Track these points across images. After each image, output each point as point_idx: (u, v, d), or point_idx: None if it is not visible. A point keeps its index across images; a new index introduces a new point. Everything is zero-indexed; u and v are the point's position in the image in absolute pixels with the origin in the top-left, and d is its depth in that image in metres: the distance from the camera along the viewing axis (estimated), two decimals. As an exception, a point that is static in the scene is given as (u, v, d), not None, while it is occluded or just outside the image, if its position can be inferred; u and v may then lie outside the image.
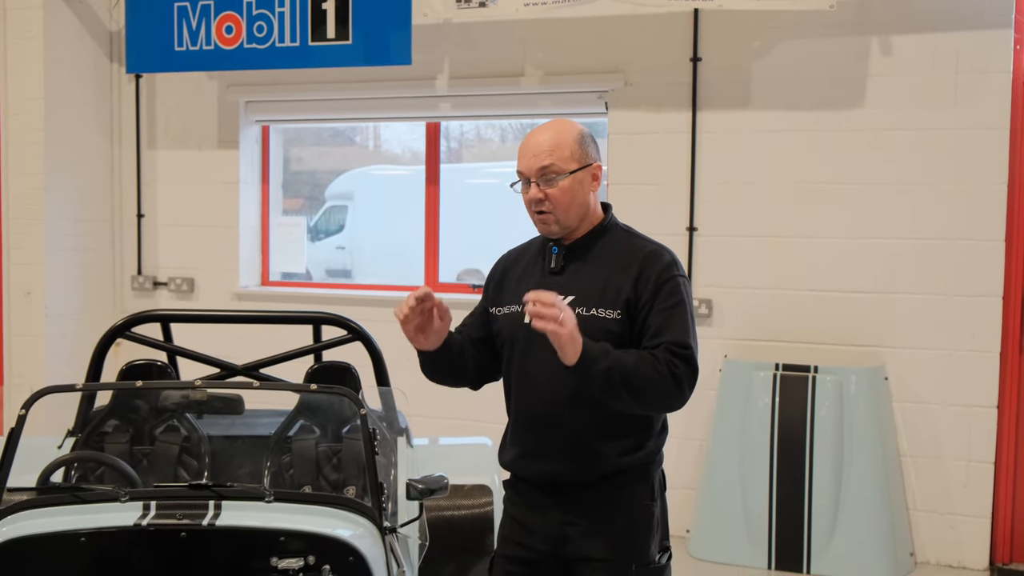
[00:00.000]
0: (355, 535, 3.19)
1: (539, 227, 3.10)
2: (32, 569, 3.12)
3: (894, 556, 5.76)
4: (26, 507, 3.28)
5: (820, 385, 5.86)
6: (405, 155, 10.71)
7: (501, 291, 3.21)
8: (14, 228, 7.11)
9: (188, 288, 7.37)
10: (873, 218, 5.97)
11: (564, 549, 3.06)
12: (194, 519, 3.14)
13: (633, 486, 3.04)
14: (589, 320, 2.95)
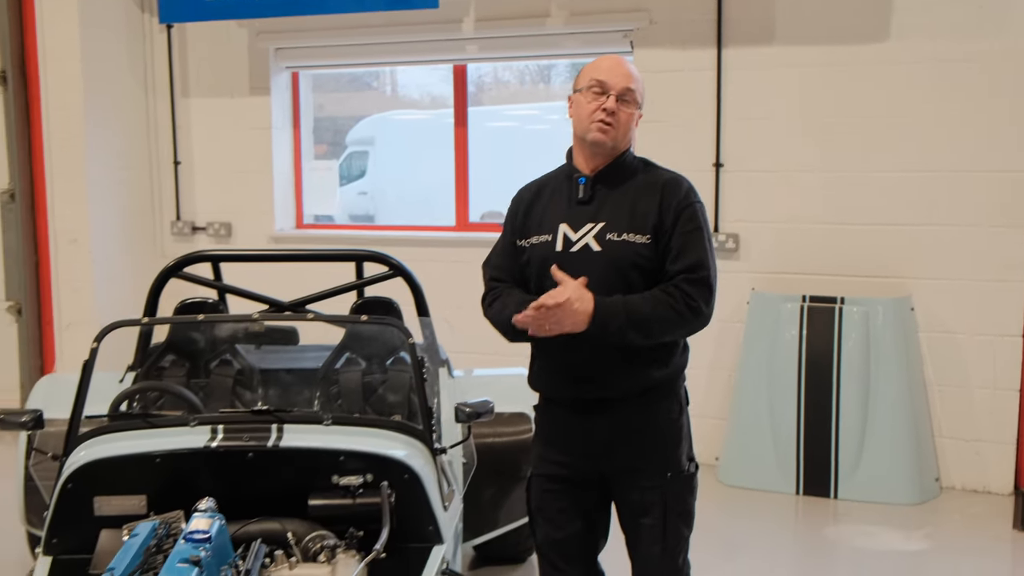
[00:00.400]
0: (409, 455, 3.39)
1: (596, 132, 3.15)
2: (110, 489, 3.34)
3: (920, 481, 5.79)
4: (104, 432, 3.51)
5: (847, 316, 5.87)
6: (424, 99, 10.67)
7: (528, 223, 3.27)
8: (58, 179, 7.15)
9: (226, 232, 7.43)
10: (900, 151, 5.93)
11: (600, 463, 3.19)
12: (259, 441, 3.35)
13: (662, 401, 3.18)
14: (621, 245, 3.08)
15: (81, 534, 3.29)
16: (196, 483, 3.31)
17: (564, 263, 3.09)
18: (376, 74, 10.47)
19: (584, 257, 3.11)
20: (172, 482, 3.33)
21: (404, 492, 3.30)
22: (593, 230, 3.13)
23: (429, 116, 10.76)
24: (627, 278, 3.09)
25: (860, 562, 5.06)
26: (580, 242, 3.14)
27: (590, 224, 3.14)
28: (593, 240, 3.12)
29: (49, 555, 3.29)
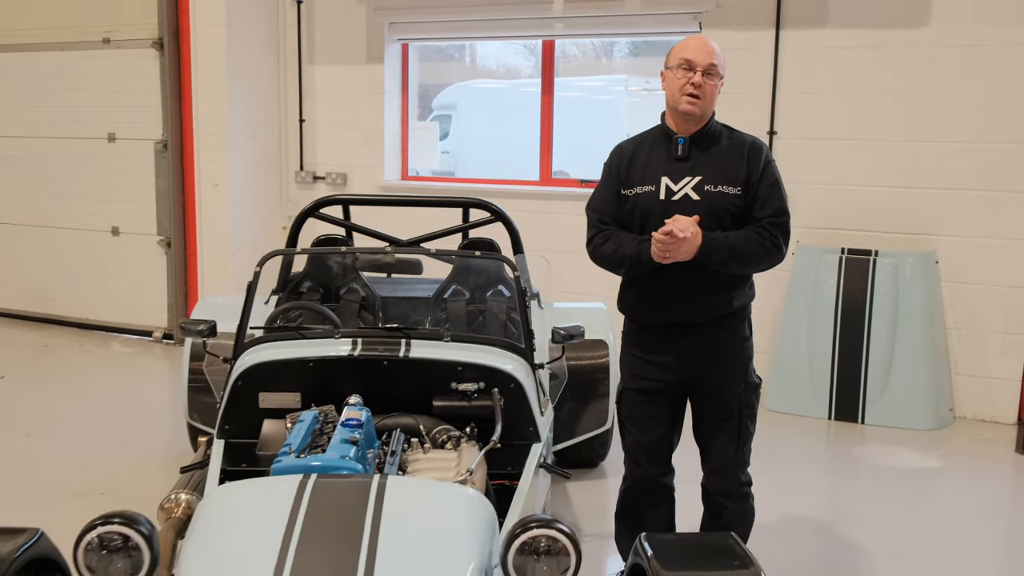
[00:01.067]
0: (515, 368, 3.60)
1: (685, 105, 3.30)
2: (271, 386, 3.56)
3: (936, 411, 5.98)
4: (265, 341, 3.77)
5: (879, 267, 6.04)
6: (499, 70, 10.77)
7: (631, 175, 3.43)
8: (203, 132, 7.44)
9: (342, 181, 7.73)
10: (932, 124, 6.01)
11: (686, 376, 3.41)
12: (392, 352, 3.57)
13: (735, 325, 3.43)
14: (715, 195, 3.30)
15: (247, 423, 3.56)
16: (340, 385, 3.56)
17: (667, 210, 3.29)
18: (460, 47, 10.50)
19: (685, 205, 3.29)
20: (321, 383, 3.58)
21: (510, 398, 3.50)
22: (691, 182, 3.32)
23: (506, 85, 10.84)
24: (721, 222, 3.30)
25: (881, 477, 5.27)
26: (680, 192, 3.32)
27: (688, 177, 3.32)
28: (692, 191, 3.31)
29: (222, 439, 3.56)
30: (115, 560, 2.40)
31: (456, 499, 2.63)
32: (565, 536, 2.45)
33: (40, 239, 8.33)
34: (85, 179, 8.02)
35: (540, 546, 2.44)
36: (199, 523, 2.50)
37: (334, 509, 2.45)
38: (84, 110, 7.89)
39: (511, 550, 2.43)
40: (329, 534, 2.36)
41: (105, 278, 8.10)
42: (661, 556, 2.47)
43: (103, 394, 6.50)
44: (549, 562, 2.44)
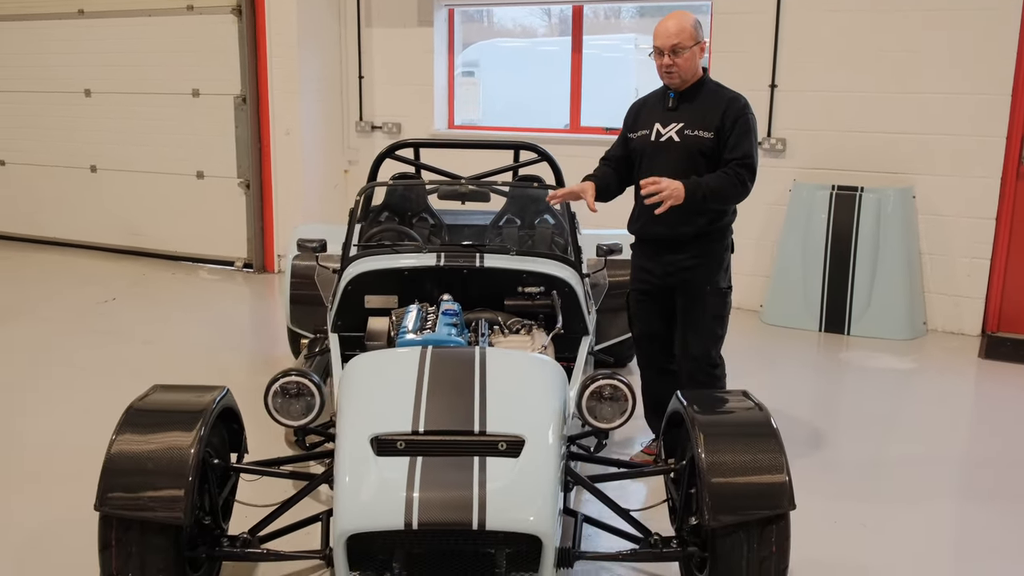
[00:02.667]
0: (568, 275, 4.04)
1: (665, 80, 3.83)
2: (374, 290, 4.01)
3: (911, 323, 6.41)
4: (366, 255, 4.20)
5: (865, 201, 6.40)
6: (516, 29, 10.91)
7: (636, 123, 3.98)
8: (277, 87, 7.83)
9: (397, 130, 8.11)
10: (912, 77, 6.33)
11: (670, 280, 3.91)
12: (470, 262, 4.02)
13: (713, 242, 3.88)
14: (692, 138, 3.76)
15: (353, 320, 4.04)
16: (428, 289, 4.03)
17: (654, 148, 3.82)
18: (480, 10, 10.70)
19: (668, 145, 3.81)
20: (413, 287, 4.04)
21: (565, 300, 3.94)
22: (675, 127, 3.81)
23: (525, 44, 11.07)
24: (694, 160, 3.76)
25: (864, 376, 5.74)
26: (666, 135, 3.83)
27: (674, 123, 3.82)
28: (675, 134, 3.81)
29: (335, 332, 4.05)
30: (294, 403, 2.97)
31: (539, 361, 3.15)
32: (624, 385, 3.01)
33: (133, 183, 8.76)
34: (172, 130, 8.41)
35: (605, 393, 3.00)
36: (347, 381, 3.04)
37: (450, 368, 2.98)
38: (171, 69, 8.25)
39: (585, 395, 2.99)
40: (449, 384, 2.89)
41: (191, 216, 8.53)
42: (694, 403, 3.03)
43: (200, 311, 7.03)
44: (612, 405, 3.01)
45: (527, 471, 2.64)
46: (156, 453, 2.77)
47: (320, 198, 8.21)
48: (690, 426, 2.91)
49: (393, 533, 2.54)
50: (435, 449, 2.68)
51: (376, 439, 2.70)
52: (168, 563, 2.76)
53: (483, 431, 2.72)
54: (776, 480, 2.76)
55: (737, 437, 2.86)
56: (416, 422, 2.74)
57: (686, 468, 2.97)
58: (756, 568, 2.75)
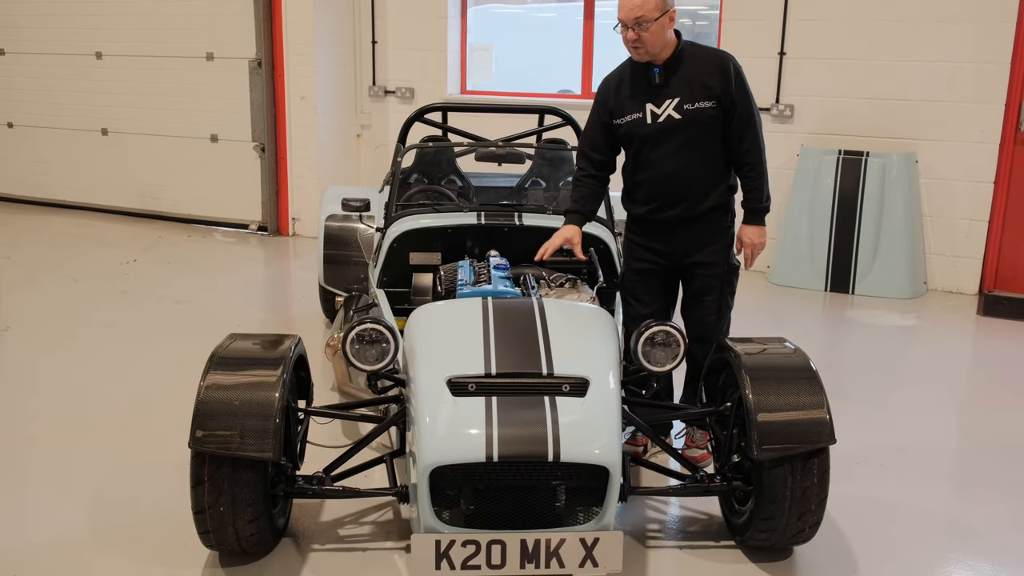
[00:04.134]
0: (603, 234, 4.27)
1: (633, 55, 3.54)
2: (419, 248, 4.21)
3: (912, 283, 6.67)
4: (410, 213, 4.40)
5: (870, 166, 6.63)
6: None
7: (618, 106, 3.63)
8: (292, 52, 7.93)
9: (410, 95, 8.24)
10: (916, 46, 6.54)
11: (679, 260, 3.74)
12: (510, 220, 4.22)
13: (719, 219, 3.70)
14: (694, 111, 3.51)
15: (398, 276, 4.25)
16: (470, 246, 4.23)
17: (655, 131, 3.55)
18: None
19: (669, 125, 3.54)
20: (455, 244, 4.24)
21: (600, 257, 4.17)
22: (672, 104, 3.53)
23: (520, 10, 11.14)
24: (701, 134, 3.55)
25: (868, 331, 6.02)
26: (664, 114, 3.54)
27: (668, 100, 3.53)
28: (673, 111, 3.53)
29: (381, 288, 4.26)
30: (370, 349, 3.18)
31: (593, 310, 3.35)
32: (676, 331, 3.23)
33: (147, 146, 8.85)
34: (186, 93, 8.50)
35: (658, 339, 3.23)
36: (416, 329, 3.23)
37: (512, 316, 3.17)
38: (185, 32, 8.32)
39: (641, 341, 3.22)
40: (513, 331, 3.08)
41: (205, 179, 8.64)
42: (739, 350, 3.26)
43: (221, 272, 7.18)
44: (665, 350, 3.23)
45: (593, 409, 2.87)
46: (244, 396, 2.97)
47: (336, 161, 8.35)
48: (737, 370, 3.15)
49: (472, 466, 2.76)
50: (508, 389, 2.89)
51: (451, 381, 2.91)
52: (256, 497, 2.98)
53: (551, 373, 2.94)
54: (818, 417, 3.01)
55: (781, 379, 3.10)
56: (488, 365, 2.95)
57: (732, 409, 3.20)
58: (799, 497, 3.00)
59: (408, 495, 3.06)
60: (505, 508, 2.85)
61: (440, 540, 2.74)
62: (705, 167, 3.62)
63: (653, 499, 3.59)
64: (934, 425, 4.49)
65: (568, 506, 2.86)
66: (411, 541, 2.76)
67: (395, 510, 3.50)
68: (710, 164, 3.63)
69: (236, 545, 3.06)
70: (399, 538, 3.30)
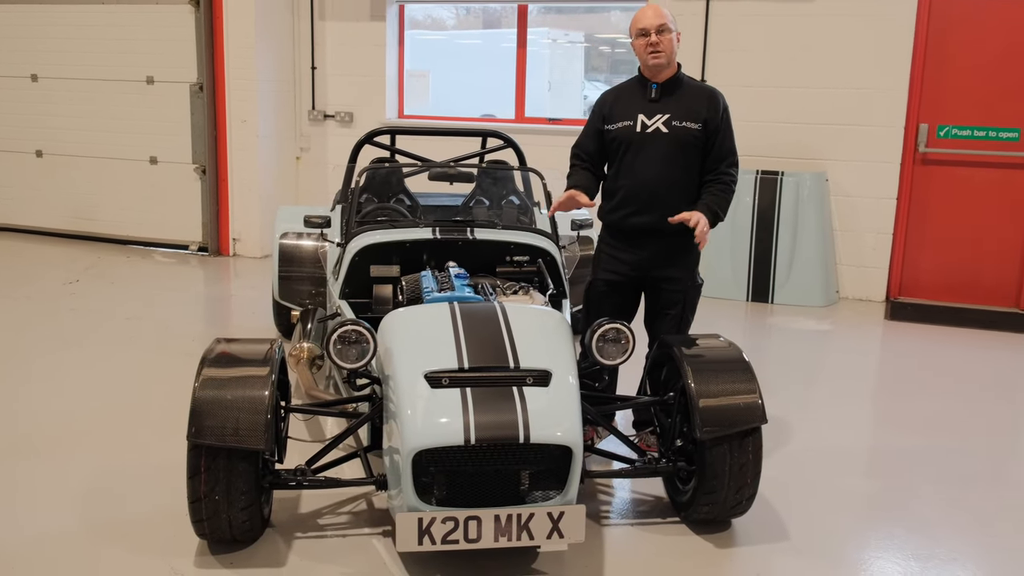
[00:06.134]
0: (549, 247, 4.56)
1: (651, 60, 3.83)
2: (378, 261, 4.44)
3: (826, 292, 7.22)
4: (369, 229, 4.61)
5: (785, 185, 7.17)
6: (426, 21, 11.45)
7: (614, 114, 3.96)
8: (233, 76, 8.14)
9: (349, 119, 8.51)
10: (824, 74, 7.12)
11: (648, 272, 4.00)
12: (463, 235, 4.50)
13: (689, 237, 3.88)
14: (680, 129, 3.84)
15: (358, 288, 4.48)
16: (426, 260, 4.48)
17: (641, 139, 3.86)
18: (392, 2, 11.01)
19: (655, 136, 3.86)
20: (412, 258, 4.49)
21: (547, 267, 4.44)
22: (662, 119, 3.87)
23: (442, 36, 11.53)
24: (684, 149, 3.88)
25: (787, 335, 6.54)
26: (653, 126, 3.87)
27: (659, 115, 3.86)
28: (662, 125, 3.86)
29: (343, 299, 4.48)
30: (351, 349, 3.47)
31: (549, 312, 3.69)
32: (626, 328, 3.62)
33: (84, 168, 8.91)
34: (125, 116, 8.62)
35: (610, 335, 3.60)
36: (391, 331, 3.54)
37: (478, 318, 3.49)
38: (125, 56, 8.46)
39: (595, 337, 3.59)
40: (481, 330, 3.38)
41: (144, 200, 8.74)
42: (680, 345, 3.67)
43: (166, 290, 7.30)
44: (616, 346, 3.61)
45: (557, 396, 3.23)
46: (238, 392, 3.25)
47: (276, 182, 8.57)
48: (679, 362, 3.55)
49: (452, 449, 3.09)
50: (480, 382, 3.23)
51: (428, 375, 3.24)
52: (249, 486, 3.25)
53: (517, 367, 3.29)
54: (751, 400, 3.43)
55: (718, 369, 3.52)
56: (461, 360, 3.28)
57: (676, 397, 3.61)
58: (737, 472, 3.42)
59: (387, 483, 3.36)
60: (475, 491, 3.18)
61: (422, 518, 3.06)
62: (681, 182, 3.89)
63: (605, 483, 3.97)
64: (849, 415, 4.99)
65: (530, 490, 3.21)
66: (396, 520, 3.06)
67: (368, 500, 3.79)
68: (686, 181, 3.90)
69: (228, 532, 3.31)
70: (375, 525, 3.60)
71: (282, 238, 5.82)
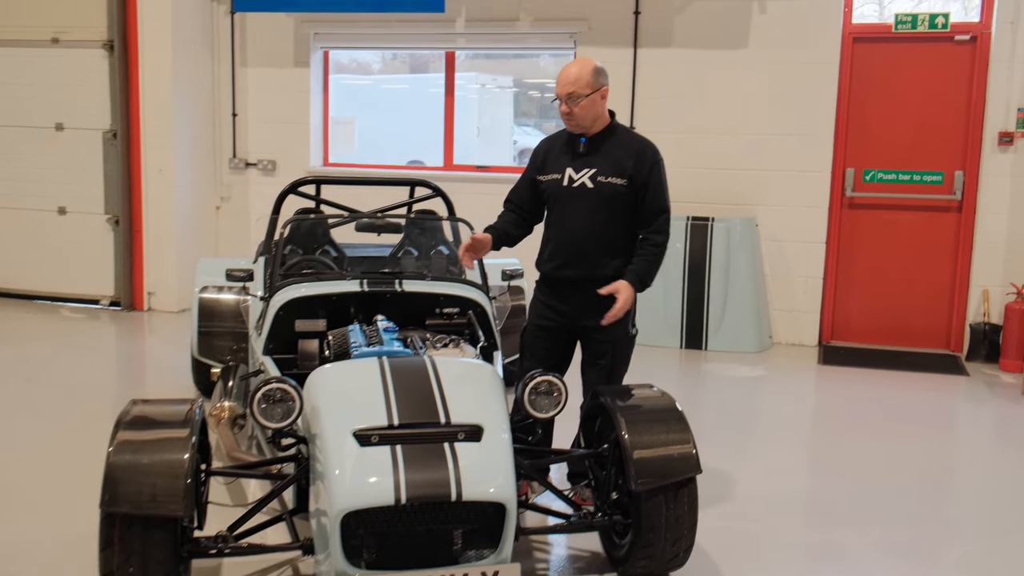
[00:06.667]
0: (479, 298, 4.59)
1: (566, 125, 3.97)
2: (304, 315, 4.41)
3: (759, 337, 7.41)
4: (294, 282, 4.58)
5: (715, 230, 7.35)
6: (351, 65, 11.59)
7: (545, 166, 4.07)
8: (150, 123, 8.07)
9: (272, 168, 8.50)
10: (751, 121, 7.39)
11: (579, 322, 4.07)
12: (391, 287, 4.49)
13: None
14: (606, 184, 3.91)
15: (282, 343, 4.43)
16: (353, 313, 4.48)
17: (567, 194, 3.96)
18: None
19: (581, 190, 3.95)
20: (339, 311, 4.48)
21: (478, 319, 4.45)
22: (588, 173, 3.94)
23: (368, 81, 11.65)
24: (609, 205, 3.95)
25: (722, 382, 6.69)
26: (579, 181, 3.95)
27: (586, 169, 3.94)
28: (588, 180, 3.94)
29: (267, 355, 4.40)
30: (276, 408, 3.45)
31: (480, 366, 3.73)
32: (558, 379, 3.66)
33: (-13, 219, 8.68)
34: (31, 164, 8.43)
35: (542, 388, 3.65)
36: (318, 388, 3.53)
37: (408, 371, 3.50)
38: (33, 102, 8.31)
39: (527, 390, 3.63)
40: (411, 385, 3.40)
41: (50, 253, 8.52)
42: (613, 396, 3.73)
43: (72, 349, 7.11)
44: (548, 398, 3.65)
45: (489, 452, 3.25)
46: (155, 456, 3.19)
47: (194, 233, 8.49)
48: (612, 413, 3.61)
49: (382, 510, 3.09)
50: (410, 439, 3.24)
51: (356, 433, 3.24)
52: (166, 556, 3.17)
53: (448, 422, 3.31)
54: (685, 451, 3.50)
55: (652, 419, 3.60)
56: (390, 417, 3.29)
57: (610, 449, 3.66)
58: (673, 524, 3.47)
59: (314, 547, 3.33)
60: (406, 553, 3.17)
61: (354, 582, 3.04)
62: (607, 236, 3.97)
63: (541, 540, 3.98)
64: (785, 462, 5.11)
65: (463, 549, 3.22)
66: (324, 586, 3.03)
67: (295, 566, 3.74)
68: (612, 235, 3.99)
69: (143, 607, 3.23)
70: (302, 592, 3.55)
71: (202, 292, 5.77)
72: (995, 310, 7.17)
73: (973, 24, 7.23)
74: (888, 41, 7.31)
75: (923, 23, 7.14)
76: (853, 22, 7.38)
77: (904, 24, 7.17)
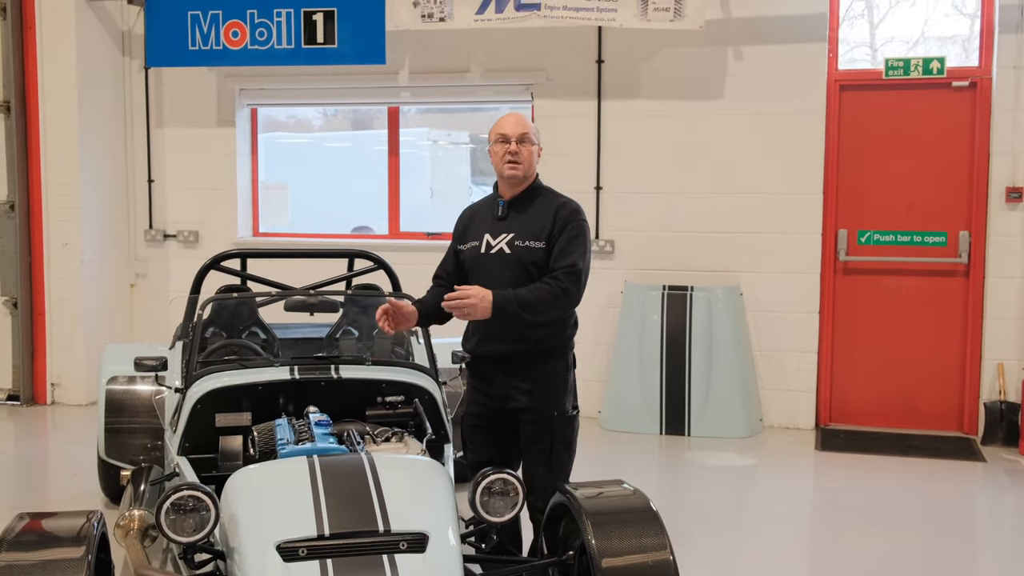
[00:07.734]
0: (427, 384, 4.58)
1: (508, 170, 4.06)
2: (225, 408, 4.35)
3: (748, 421, 7.40)
4: (214, 370, 4.54)
5: (695, 300, 7.39)
6: (289, 122, 11.68)
7: (466, 234, 4.24)
8: (53, 193, 8.02)
9: (194, 239, 8.47)
10: (731, 178, 7.48)
11: (508, 405, 4.10)
12: (326, 374, 4.46)
13: (554, 361, 4.09)
14: (523, 250, 4.05)
15: (201, 441, 4.36)
16: (283, 404, 4.43)
17: (485, 261, 4.10)
18: None
19: (499, 257, 4.09)
20: (267, 403, 4.42)
21: (426, 407, 4.40)
22: (506, 238, 4.09)
23: (308, 139, 11.72)
24: (528, 272, 4.04)
25: (707, 473, 6.66)
26: (496, 247, 4.11)
27: (504, 234, 4.10)
28: (505, 246, 4.08)
29: (183, 455, 4.33)
30: (188, 519, 3.37)
31: (425, 463, 3.70)
32: (514, 479, 3.62)
33: None
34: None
35: (496, 487, 3.61)
36: (237, 494, 3.47)
37: (342, 472, 3.46)
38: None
39: (478, 491, 3.58)
40: (345, 488, 3.36)
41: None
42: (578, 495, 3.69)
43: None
44: (503, 499, 3.61)
45: (435, 564, 3.20)
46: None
47: (105, 315, 8.40)
48: (577, 515, 3.57)
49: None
50: (343, 551, 3.18)
51: (280, 547, 3.17)
52: None
53: (387, 530, 3.26)
54: (662, 559, 3.45)
55: (622, 522, 3.55)
56: (320, 526, 3.23)
57: (576, 556, 3.61)
58: (650, 643, 3.41)
59: None
60: None
61: None
62: None
63: (499, 665, 3.89)
64: (780, 567, 5.06)
65: None
66: None
67: None
68: None
69: None
70: None
71: (110, 383, 5.71)
72: (1011, 386, 7.19)
73: (972, 69, 7.42)
74: (879, 88, 7.47)
75: (916, 68, 7.32)
76: (839, 68, 7.55)
77: (895, 70, 7.35)
